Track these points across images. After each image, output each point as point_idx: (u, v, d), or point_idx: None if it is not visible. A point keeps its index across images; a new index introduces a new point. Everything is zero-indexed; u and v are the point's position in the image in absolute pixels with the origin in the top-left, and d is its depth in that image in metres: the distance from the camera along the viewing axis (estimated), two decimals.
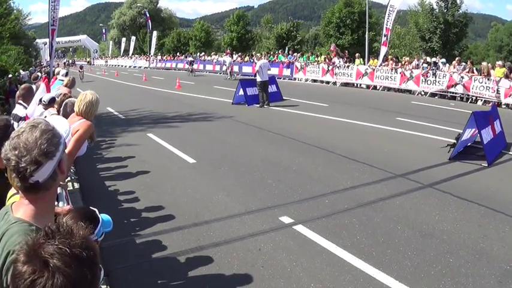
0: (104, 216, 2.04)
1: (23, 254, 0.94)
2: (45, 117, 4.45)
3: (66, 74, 9.45)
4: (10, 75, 14.84)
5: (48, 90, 6.23)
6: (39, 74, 12.73)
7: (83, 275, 0.93)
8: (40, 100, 5.50)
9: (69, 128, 1.55)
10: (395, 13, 20.98)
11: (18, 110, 4.95)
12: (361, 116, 11.95)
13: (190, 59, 36.14)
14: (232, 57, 30.70)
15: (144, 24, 58.36)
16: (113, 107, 14.81)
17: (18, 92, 5.14)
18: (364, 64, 22.25)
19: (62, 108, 4.32)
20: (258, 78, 14.32)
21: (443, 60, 19.12)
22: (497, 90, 15.03)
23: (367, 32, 25.26)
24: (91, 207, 2.00)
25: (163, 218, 5.01)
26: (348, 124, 11.21)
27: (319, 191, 5.92)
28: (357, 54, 23.39)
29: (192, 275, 3.83)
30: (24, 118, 4.85)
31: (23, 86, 5.23)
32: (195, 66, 33.84)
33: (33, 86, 8.02)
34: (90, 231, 1.05)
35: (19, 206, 1.44)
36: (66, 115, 3.93)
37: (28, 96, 5.04)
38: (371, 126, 10.67)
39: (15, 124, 4.05)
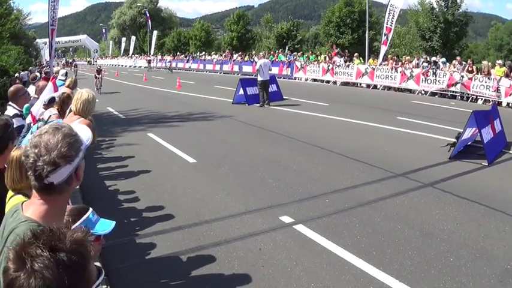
0: (104, 220, 2.03)
1: (12, 252, 0.95)
2: (49, 117, 4.44)
3: (66, 74, 9.44)
4: (17, 75, 14.82)
5: (56, 89, 6.17)
6: (37, 74, 12.70)
7: (62, 280, 0.92)
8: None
9: (90, 136, 1.55)
10: (397, 13, 20.92)
11: (9, 111, 4.83)
12: (361, 115, 11.94)
13: (168, 58, 38.76)
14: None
15: (144, 23, 58.43)
16: (113, 106, 14.82)
17: (8, 94, 4.97)
18: (364, 63, 22.25)
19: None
20: (259, 78, 14.31)
21: (444, 59, 19.10)
22: (498, 89, 15.03)
23: (367, 31, 25.25)
24: (85, 206, 2.00)
25: (163, 218, 5.01)
26: (348, 123, 11.20)
27: (319, 190, 5.92)
28: (355, 54, 23.38)
29: (192, 274, 3.82)
30: (22, 116, 4.81)
31: (11, 87, 5.09)
32: (195, 65, 33.90)
33: (33, 86, 8.00)
34: (86, 234, 1.04)
35: (30, 205, 1.44)
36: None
37: (17, 98, 4.88)
38: (371, 125, 10.67)
39: None
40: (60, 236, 0.97)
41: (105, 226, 2.01)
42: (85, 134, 1.51)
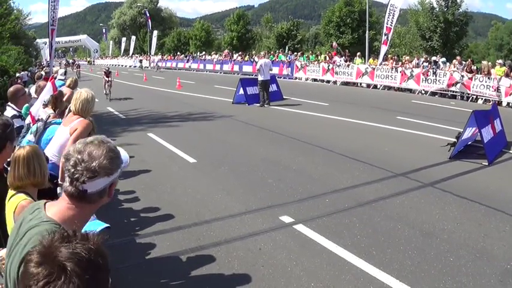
0: (97, 222, 2.05)
1: (38, 254, 0.93)
2: (48, 117, 4.42)
3: (65, 74, 9.43)
4: (18, 75, 14.82)
5: (55, 89, 6.15)
6: (43, 73, 12.72)
7: (97, 281, 0.94)
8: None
9: (128, 160, 1.63)
10: (397, 13, 20.91)
11: (8, 112, 4.79)
12: (361, 115, 11.94)
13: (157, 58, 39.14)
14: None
15: (144, 23, 58.31)
16: (113, 106, 14.82)
17: (7, 94, 4.93)
18: (364, 63, 22.24)
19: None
20: (260, 77, 14.31)
21: (444, 59, 19.10)
22: (498, 89, 15.02)
23: (367, 31, 25.24)
24: None
25: (163, 218, 5.01)
26: (348, 123, 11.20)
27: (319, 190, 5.91)
28: (358, 54, 23.37)
29: (192, 274, 3.82)
30: (21, 117, 4.80)
31: (11, 88, 5.07)
32: (195, 65, 33.76)
33: (33, 86, 7.99)
34: (103, 237, 1.05)
35: (54, 206, 1.45)
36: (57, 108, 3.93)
37: (16, 99, 4.85)
38: (371, 125, 10.67)
39: None
40: (88, 238, 0.98)
41: (95, 227, 2.02)
42: (124, 156, 1.59)
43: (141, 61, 46.88)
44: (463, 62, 17.93)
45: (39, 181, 2.33)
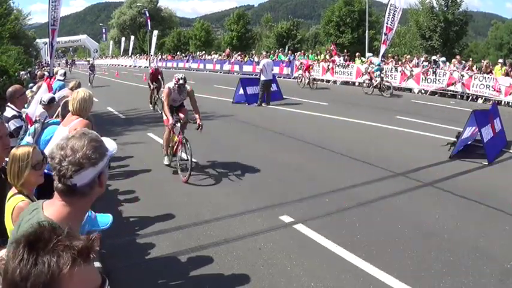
0: (101, 216, 2.04)
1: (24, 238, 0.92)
2: (45, 118, 4.43)
3: (64, 74, 9.42)
4: (22, 73, 14.82)
5: (50, 90, 6.17)
6: (45, 73, 12.73)
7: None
8: (41, 100, 5.49)
9: (115, 148, 1.61)
10: (398, 13, 20.85)
11: (8, 112, 4.78)
12: (361, 115, 11.94)
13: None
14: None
15: (144, 23, 58.30)
16: (113, 106, 14.81)
17: (6, 95, 4.91)
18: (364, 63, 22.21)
19: (60, 108, 4.29)
20: (262, 77, 14.32)
21: (444, 58, 19.09)
22: (498, 89, 15.02)
23: (367, 31, 25.26)
24: None
25: (163, 218, 5.00)
26: (348, 123, 11.20)
27: (319, 190, 5.91)
28: (357, 54, 23.37)
29: (192, 274, 3.82)
30: (20, 117, 4.79)
31: (10, 88, 5.05)
32: (195, 65, 33.54)
33: (35, 86, 8.00)
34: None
35: (51, 205, 1.46)
36: (64, 115, 3.92)
37: (15, 99, 4.83)
38: (371, 124, 10.66)
39: (6, 125, 4.01)
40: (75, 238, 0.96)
41: (105, 219, 2.03)
42: (111, 144, 1.56)
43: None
44: (463, 62, 17.93)
45: (15, 183, 2.31)
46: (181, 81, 6.49)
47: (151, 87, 13.71)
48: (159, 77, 13.46)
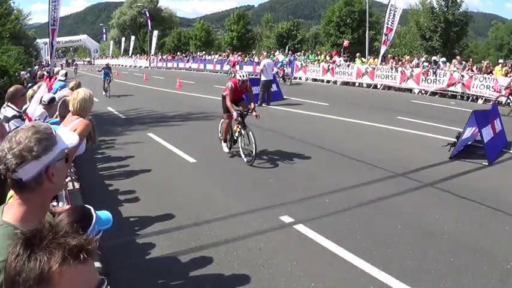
0: (102, 214, 2.03)
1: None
2: (45, 118, 4.42)
3: (66, 75, 9.42)
4: (22, 73, 14.82)
5: (49, 89, 6.17)
6: (45, 73, 12.75)
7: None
8: (40, 100, 5.49)
9: (76, 142, 1.48)
10: (399, 14, 20.87)
11: (8, 112, 4.78)
12: (361, 115, 11.94)
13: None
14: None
15: (144, 23, 58.30)
16: (113, 106, 14.82)
17: (6, 95, 4.90)
18: (364, 63, 22.23)
19: (58, 108, 4.29)
20: (262, 78, 14.33)
21: (444, 59, 19.09)
22: (498, 89, 15.02)
23: (367, 31, 25.25)
24: (86, 206, 1.99)
25: (163, 218, 5.00)
26: (348, 123, 11.20)
27: (319, 190, 5.91)
28: (357, 54, 23.37)
29: (192, 274, 3.82)
30: (21, 117, 4.79)
31: (11, 88, 5.05)
32: (195, 65, 33.48)
33: (36, 86, 8.00)
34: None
35: (9, 208, 1.41)
36: (62, 115, 3.92)
37: (16, 99, 4.82)
38: (371, 125, 10.66)
39: (6, 125, 4.01)
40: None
41: (105, 215, 2.02)
42: (69, 138, 1.45)
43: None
44: (463, 62, 17.93)
45: None
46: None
47: None
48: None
